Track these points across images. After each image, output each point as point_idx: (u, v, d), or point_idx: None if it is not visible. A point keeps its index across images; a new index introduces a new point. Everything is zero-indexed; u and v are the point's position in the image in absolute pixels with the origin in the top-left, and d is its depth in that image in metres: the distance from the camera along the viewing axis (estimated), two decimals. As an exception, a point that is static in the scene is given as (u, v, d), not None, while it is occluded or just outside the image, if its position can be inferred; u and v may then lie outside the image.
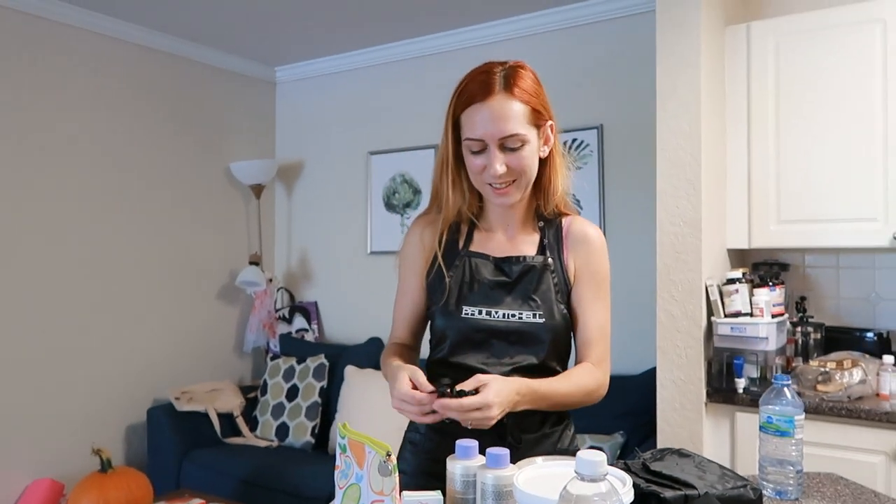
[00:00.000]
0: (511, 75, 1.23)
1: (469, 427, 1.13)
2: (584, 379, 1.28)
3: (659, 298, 2.34)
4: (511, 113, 1.21)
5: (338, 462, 1.09)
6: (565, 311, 1.30)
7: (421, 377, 1.17)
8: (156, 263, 3.57)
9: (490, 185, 1.26)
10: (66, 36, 3.19)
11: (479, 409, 1.09)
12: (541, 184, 1.33)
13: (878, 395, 2.13)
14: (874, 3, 2.24)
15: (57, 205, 3.17)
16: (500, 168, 1.22)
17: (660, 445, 2.31)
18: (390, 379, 1.23)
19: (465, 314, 1.29)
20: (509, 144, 1.22)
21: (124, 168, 3.44)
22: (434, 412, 1.12)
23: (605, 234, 3.15)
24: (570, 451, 1.32)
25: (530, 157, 1.25)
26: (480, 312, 1.28)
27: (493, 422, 1.12)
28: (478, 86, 1.23)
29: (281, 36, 3.60)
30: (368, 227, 3.89)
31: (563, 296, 1.31)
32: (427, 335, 1.41)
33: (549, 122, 1.29)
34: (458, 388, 1.12)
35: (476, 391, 1.11)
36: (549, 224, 1.35)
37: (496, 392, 1.11)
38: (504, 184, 1.25)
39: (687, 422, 2.28)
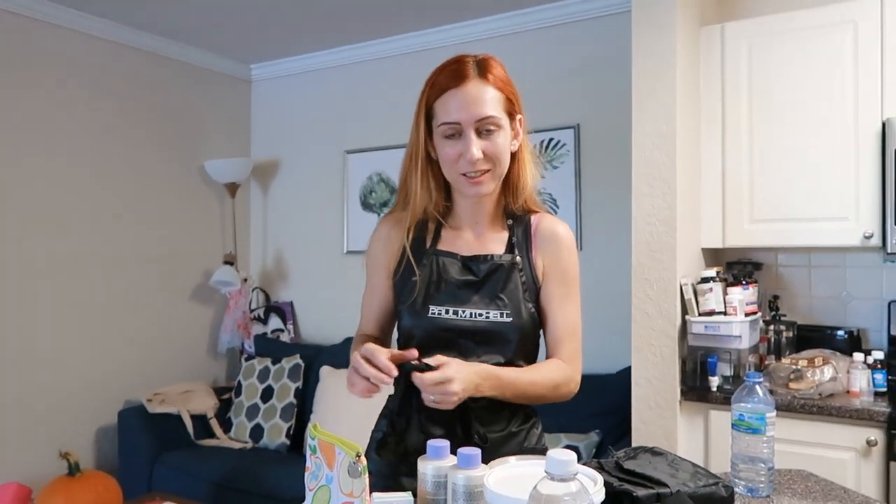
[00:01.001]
0: (484, 64, 1.25)
1: (431, 404, 1.12)
2: (551, 372, 1.27)
3: (634, 297, 2.35)
4: (487, 96, 1.22)
5: (308, 463, 1.07)
6: (533, 310, 1.29)
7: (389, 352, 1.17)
8: (128, 262, 3.51)
9: (464, 175, 1.25)
10: (37, 31, 3.12)
11: (441, 383, 1.10)
12: (510, 179, 1.32)
13: (848, 392, 2.16)
14: (845, 5, 2.28)
15: (25, 203, 3.09)
16: (476, 152, 1.21)
17: (635, 444, 2.31)
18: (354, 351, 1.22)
19: (432, 314, 1.27)
20: (485, 127, 1.22)
21: (96, 166, 3.37)
22: (376, 386, 1.13)
23: (581, 232, 3.20)
24: (539, 450, 1.31)
25: (504, 144, 1.25)
26: (447, 312, 1.27)
27: (455, 399, 1.11)
28: (451, 74, 1.24)
29: (256, 33, 3.56)
30: (345, 226, 3.86)
31: (532, 294, 1.29)
32: (395, 335, 1.40)
33: (519, 116, 1.30)
34: (424, 361, 1.13)
35: (438, 368, 1.12)
36: (517, 222, 1.34)
37: (456, 370, 1.12)
38: (479, 172, 1.24)
39: (662, 420, 2.29)
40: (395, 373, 1.12)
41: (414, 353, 1.15)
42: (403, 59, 3.64)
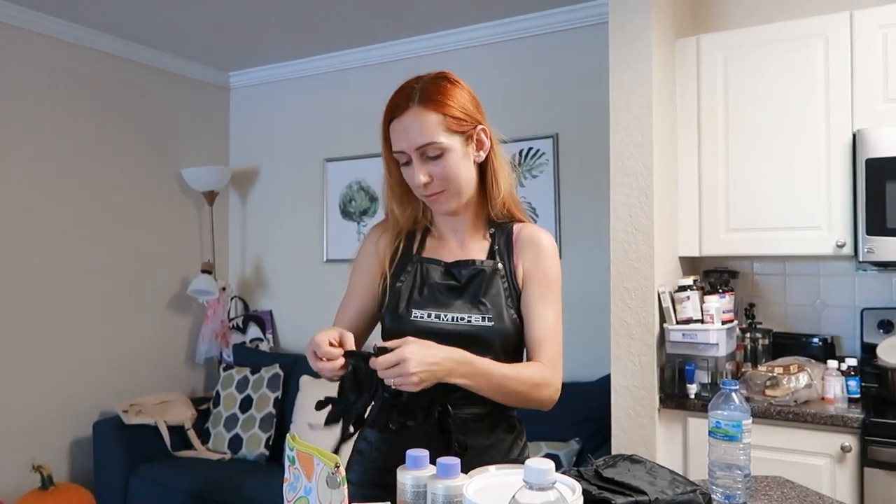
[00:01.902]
0: (426, 88, 1.26)
1: (393, 386, 1.11)
2: (528, 370, 1.26)
3: (613, 306, 2.37)
4: (424, 124, 1.24)
5: (286, 475, 1.06)
6: (515, 316, 1.30)
7: (348, 338, 1.16)
8: (104, 271, 3.46)
9: (426, 196, 1.29)
10: (13, 38, 3.08)
11: (396, 364, 1.09)
12: (485, 188, 1.34)
13: (823, 398, 2.19)
14: (817, 19, 2.33)
15: (-3, 211, 3.05)
16: (421, 178, 1.25)
17: (614, 452, 2.33)
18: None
19: (415, 317, 1.29)
20: (429, 153, 1.25)
21: (71, 173, 3.33)
22: (339, 369, 1.14)
23: (560, 241, 3.22)
24: (522, 461, 1.31)
25: (455, 165, 1.26)
26: (430, 316, 1.28)
27: (415, 380, 1.09)
28: (394, 103, 1.28)
29: (235, 41, 3.55)
30: (324, 234, 3.84)
31: (514, 301, 1.31)
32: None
33: (479, 127, 1.30)
34: (379, 346, 1.13)
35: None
36: (500, 230, 1.36)
37: (412, 350, 1.10)
38: (433, 194, 1.27)
39: (641, 428, 2.31)
40: (339, 354, 1.13)
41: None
42: (382, 67, 3.64)
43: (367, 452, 1.33)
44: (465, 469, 1.01)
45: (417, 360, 1.10)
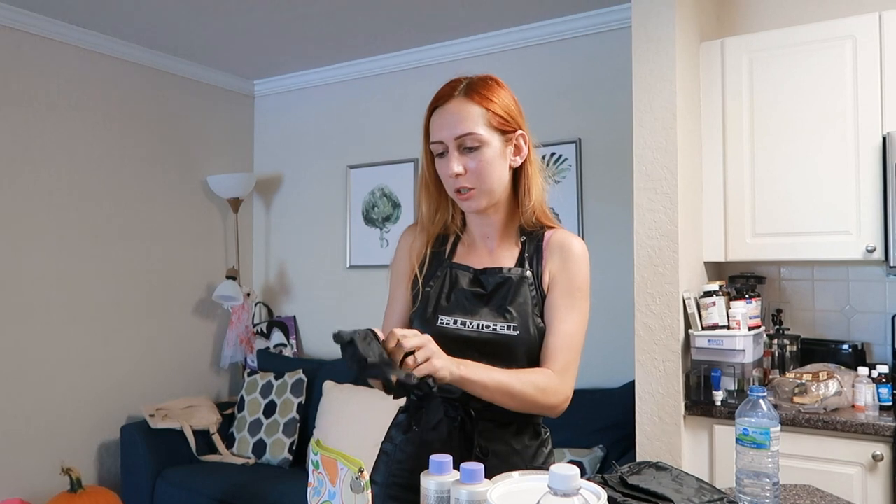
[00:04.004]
0: (473, 83, 1.28)
1: (415, 370, 1.07)
2: (534, 375, 1.23)
3: (637, 311, 2.35)
4: (466, 114, 1.25)
5: (310, 479, 1.07)
6: (542, 325, 1.29)
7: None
8: (130, 277, 3.52)
9: (456, 192, 1.28)
10: (41, 48, 3.15)
11: (421, 347, 1.08)
12: (517, 194, 1.34)
13: (853, 406, 2.15)
14: (844, 20, 2.29)
15: (28, 217, 3.11)
16: (455, 167, 1.24)
17: (639, 459, 2.30)
18: None
19: (441, 323, 1.29)
20: (467, 144, 1.25)
21: (99, 180, 3.39)
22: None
23: (583, 247, 3.17)
24: (547, 469, 1.30)
25: (490, 161, 1.26)
26: (455, 322, 1.28)
27: (436, 357, 1.08)
28: (439, 94, 1.29)
29: (259, 49, 3.59)
30: (347, 240, 3.87)
31: (541, 308, 1.29)
32: None
33: (519, 132, 1.30)
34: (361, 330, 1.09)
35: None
36: (531, 238, 1.35)
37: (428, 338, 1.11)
38: (464, 189, 1.26)
39: (665, 435, 2.28)
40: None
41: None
42: (405, 74, 3.66)
43: (392, 453, 1.34)
44: (489, 475, 1.00)
45: (427, 339, 1.10)
